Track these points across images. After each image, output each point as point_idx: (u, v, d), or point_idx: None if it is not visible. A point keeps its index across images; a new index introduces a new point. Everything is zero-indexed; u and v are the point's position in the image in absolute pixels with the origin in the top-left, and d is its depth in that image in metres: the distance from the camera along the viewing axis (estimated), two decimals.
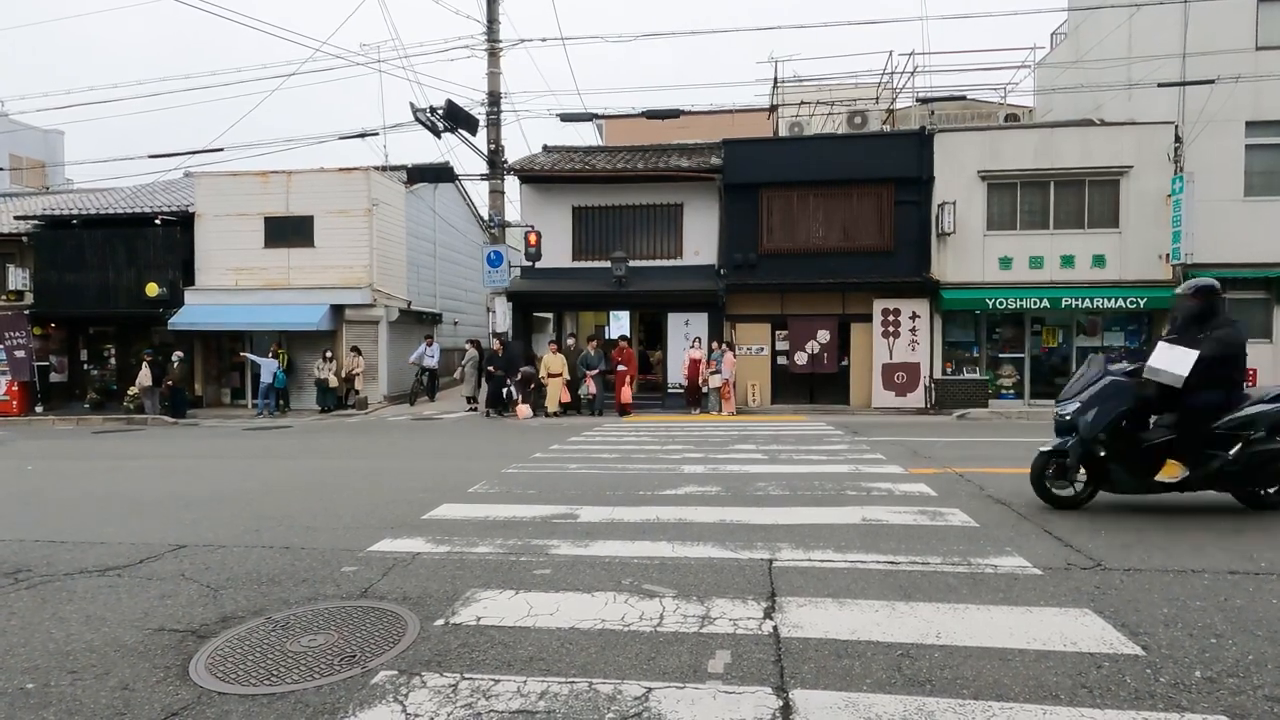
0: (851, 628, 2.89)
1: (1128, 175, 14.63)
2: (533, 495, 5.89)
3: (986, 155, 15.04)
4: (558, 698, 2.35)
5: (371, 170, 17.24)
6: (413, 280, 19.73)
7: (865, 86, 19.16)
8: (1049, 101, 19.07)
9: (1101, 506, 5.06)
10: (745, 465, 7.32)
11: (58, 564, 4.09)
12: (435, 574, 3.74)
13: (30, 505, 5.98)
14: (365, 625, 3.03)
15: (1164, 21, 14.54)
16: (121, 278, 17.30)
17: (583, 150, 18.19)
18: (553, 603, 3.25)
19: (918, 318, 15.24)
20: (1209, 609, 3.05)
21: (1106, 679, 2.42)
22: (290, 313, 16.71)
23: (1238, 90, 13.88)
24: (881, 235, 15.43)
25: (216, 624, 3.09)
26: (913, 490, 5.79)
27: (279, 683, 2.52)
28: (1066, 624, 2.89)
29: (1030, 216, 15.07)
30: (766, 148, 16.36)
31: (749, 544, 4.20)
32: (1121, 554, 3.88)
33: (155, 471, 7.96)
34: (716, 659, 2.62)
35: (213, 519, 5.19)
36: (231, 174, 17.51)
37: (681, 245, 16.36)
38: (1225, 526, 4.46)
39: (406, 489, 6.30)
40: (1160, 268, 14.55)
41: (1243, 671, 2.47)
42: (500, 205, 15.92)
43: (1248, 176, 14.50)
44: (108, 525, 5.07)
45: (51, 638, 2.98)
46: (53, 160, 30.13)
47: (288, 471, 7.66)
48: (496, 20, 15.43)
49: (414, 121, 14.08)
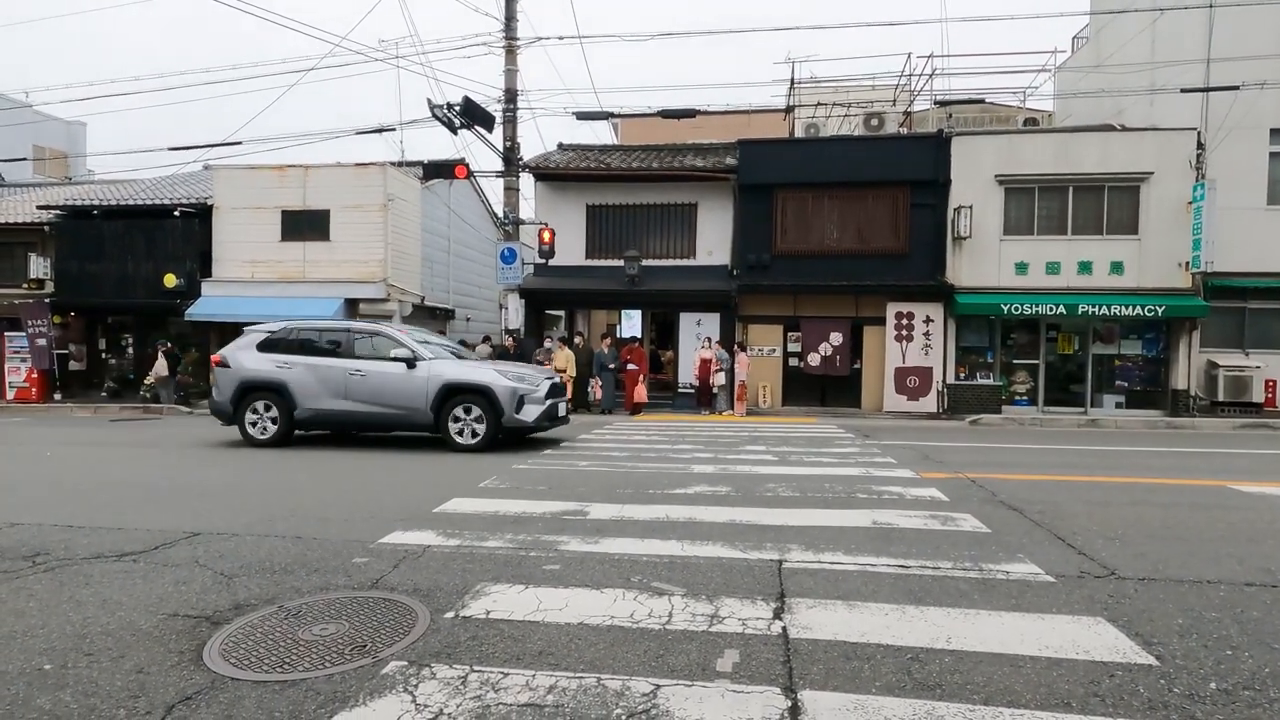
0: (861, 630, 2.88)
1: (1148, 181, 14.46)
2: (543, 491, 5.90)
3: (1004, 159, 14.93)
4: (566, 692, 2.36)
5: (388, 166, 17.35)
6: (426, 276, 19.82)
7: (883, 88, 19.06)
8: (1069, 106, 18.88)
9: (1114, 516, 5.01)
10: (756, 466, 7.31)
11: (75, 548, 4.15)
12: (445, 567, 3.76)
13: (49, 491, 6.07)
14: (376, 616, 3.05)
15: (1188, 26, 14.36)
16: (140, 268, 17.52)
17: (598, 149, 18.21)
18: (562, 598, 3.26)
19: (931, 322, 15.15)
20: (1225, 620, 3.02)
21: (1119, 688, 2.40)
22: (305, 306, 16.83)
23: (1262, 97, 13.69)
24: (896, 238, 15.35)
25: (230, 611, 3.13)
26: (924, 494, 5.76)
27: (291, 670, 2.55)
28: (1079, 632, 2.86)
29: (1048, 221, 14.94)
30: (782, 149, 16.32)
31: (759, 544, 4.20)
32: (1136, 563, 3.84)
33: (171, 460, 8.06)
34: (725, 658, 2.62)
35: (227, 508, 5.25)
36: (249, 167, 17.68)
37: (695, 245, 16.35)
38: (1242, 537, 4.41)
39: (418, 482, 6.34)
40: (1180, 276, 14.37)
41: (1259, 684, 2.44)
42: (515, 202, 15.97)
43: (1271, 184, 14.31)
44: (124, 512, 5.14)
45: (69, 620, 3.02)
46: (75, 151, 30.54)
47: (300, 462, 7.73)
48: (515, 18, 15.47)
49: (431, 118, 14.15)
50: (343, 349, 8.98)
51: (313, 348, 9.07)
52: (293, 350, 9.06)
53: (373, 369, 8.70)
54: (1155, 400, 14.90)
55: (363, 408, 8.67)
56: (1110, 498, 5.69)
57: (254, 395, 8.98)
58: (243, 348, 9.25)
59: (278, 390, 8.88)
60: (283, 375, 8.88)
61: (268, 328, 9.43)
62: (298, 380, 8.83)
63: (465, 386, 8.50)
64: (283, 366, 8.91)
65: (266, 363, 9.00)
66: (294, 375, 8.85)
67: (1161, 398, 14.84)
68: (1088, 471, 7.16)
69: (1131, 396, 15.05)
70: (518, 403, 8.39)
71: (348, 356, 8.89)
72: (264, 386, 8.95)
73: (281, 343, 9.15)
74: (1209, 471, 7.20)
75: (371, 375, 8.67)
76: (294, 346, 9.10)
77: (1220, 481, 6.51)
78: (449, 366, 8.74)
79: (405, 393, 8.54)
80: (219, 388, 9.22)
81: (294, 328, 9.34)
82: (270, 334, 9.26)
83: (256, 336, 9.30)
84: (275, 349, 9.10)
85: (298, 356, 8.98)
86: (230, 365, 9.15)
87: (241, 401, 9.01)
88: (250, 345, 9.23)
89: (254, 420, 8.97)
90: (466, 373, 8.69)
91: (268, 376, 8.93)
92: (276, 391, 8.88)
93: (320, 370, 8.82)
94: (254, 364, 9.04)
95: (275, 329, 9.36)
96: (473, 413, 8.41)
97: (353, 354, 8.90)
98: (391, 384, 8.59)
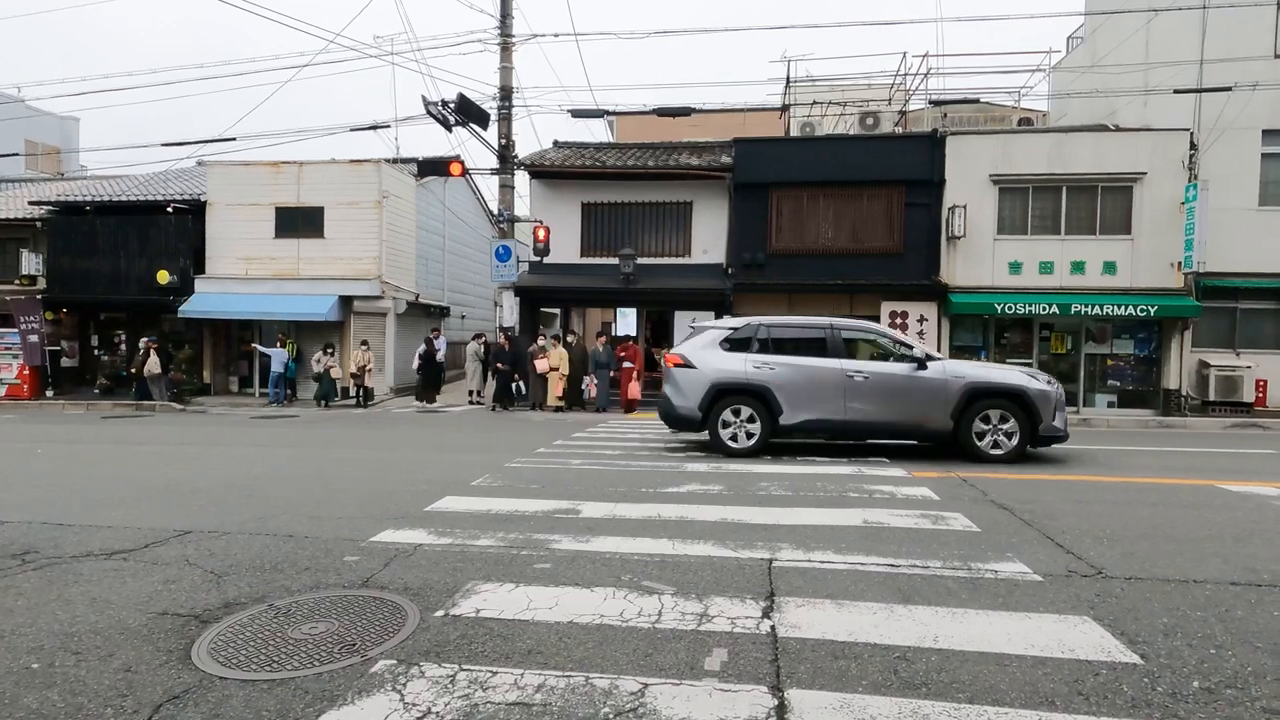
0: (849, 629, 2.89)
1: (1141, 182, 14.52)
2: (535, 490, 5.91)
3: (999, 159, 14.97)
4: (554, 691, 2.37)
5: (382, 162, 17.30)
6: (421, 273, 19.79)
7: (878, 88, 19.08)
8: (1063, 106, 18.93)
9: (1103, 515, 5.04)
10: (748, 465, 7.32)
11: (65, 546, 4.14)
12: (436, 565, 3.76)
13: (39, 488, 6.04)
14: (366, 614, 3.06)
15: (1182, 28, 14.41)
16: (133, 265, 17.44)
17: (593, 147, 18.19)
18: (552, 597, 3.27)
19: (925, 321, 15.19)
20: (1209, 619, 3.04)
21: (1104, 686, 2.42)
22: (299, 303, 16.80)
23: (1255, 98, 13.76)
24: (891, 237, 15.38)
25: (219, 609, 3.13)
26: (915, 494, 5.78)
27: (279, 669, 2.55)
28: (1065, 631, 2.88)
29: (1041, 221, 14.99)
30: (777, 147, 16.33)
31: (749, 543, 4.21)
32: (1123, 562, 3.87)
33: (162, 457, 8.04)
34: (713, 657, 2.63)
35: (218, 506, 5.24)
36: (243, 164, 17.61)
37: (690, 243, 16.36)
38: (1228, 536, 4.44)
39: (410, 481, 6.33)
40: (1172, 276, 14.44)
41: (1241, 683, 2.46)
42: (510, 200, 15.95)
43: (1263, 185, 14.38)
44: (114, 509, 5.12)
45: (57, 619, 3.01)
46: (68, 146, 30.36)
47: (293, 461, 7.71)
48: (510, 15, 15.44)
49: (425, 114, 14.13)
50: (829, 348, 8.03)
51: (792, 347, 8.20)
52: (767, 349, 8.14)
53: (875, 370, 7.82)
54: (1147, 400, 14.98)
55: (865, 414, 7.79)
56: (1100, 497, 5.73)
57: (729, 399, 8.04)
58: (705, 347, 8.32)
59: (758, 394, 7.96)
60: (764, 377, 7.94)
61: (726, 324, 8.55)
62: (783, 383, 7.90)
63: (993, 390, 7.58)
64: (761, 367, 7.98)
65: (741, 363, 8.06)
66: (778, 377, 7.92)
67: (1153, 397, 14.92)
68: (1078, 471, 7.20)
69: (1124, 396, 15.13)
70: (1054, 408, 7.55)
71: (837, 356, 7.96)
72: (742, 390, 8.01)
73: (751, 341, 8.22)
74: (1199, 471, 7.24)
75: (875, 377, 7.77)
76: (767, 345, 8.16)
77: (1209, 481, 6.55)
78: (968, 367, 8.02)
79: (918, 397, 7.68)
80: (681, 390, 8.21)
81: (760, 324, 8.36)
82: (733, 331, 8.34)
83: (716, 334, 8.39)
84: (744, 348, 8.18)
85: (777, 357, 8.06)
86: (696, 365, 8.17)
87: (714, 406, 8.07)
88: (713, 344, 8.29)
89: (728, 427, 8.04)
90: (992, 374, 7.87)
91: (747, 379, 7.98)
92: (757, 396, 7.96)
93: (809, 372, 7.91)
94: (727, 364, 8.10)
95: (736, 325, 8.43)
96: (1007, 421, 7.54)
97: (842, 354, 7.98)
98: (900, 387, 7.72)
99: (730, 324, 8.54)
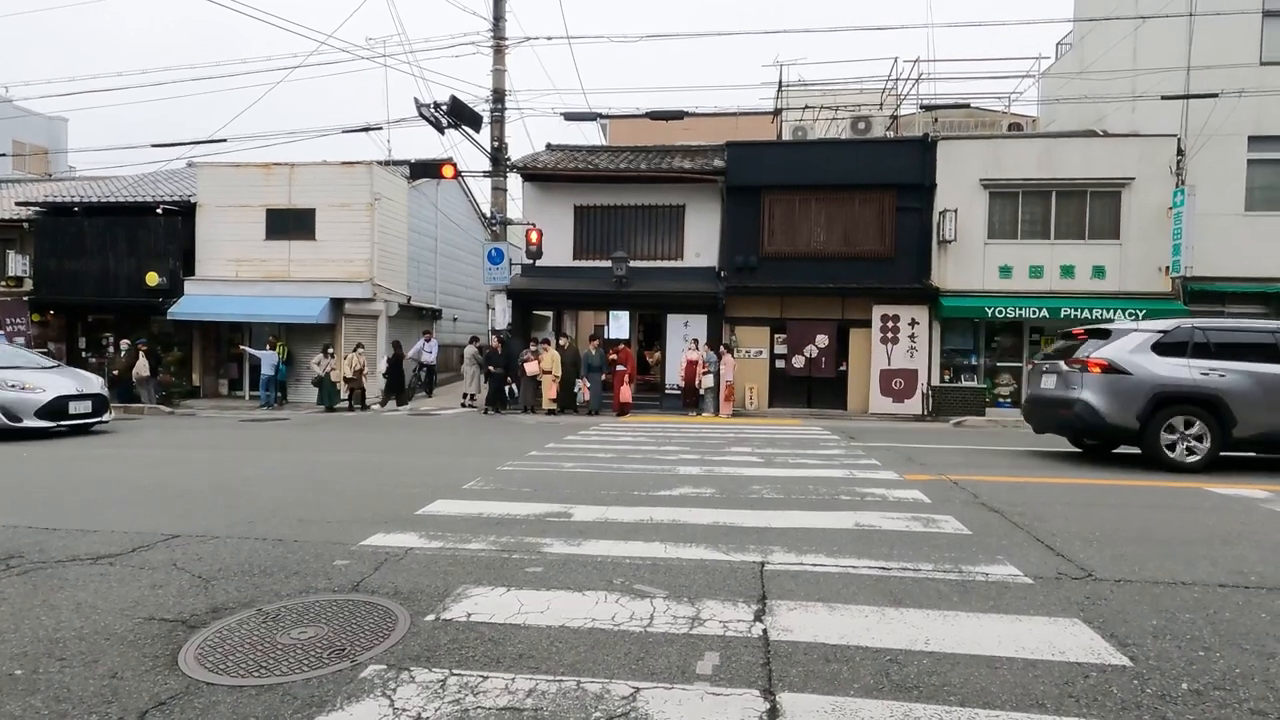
0: (841, 632, 2.89)
1: (1129, 187, 14.67)
2: (527, 493, 5.89)
3: (989, 164, 15.08)
4: (545, 695, 2.35)
5: (374, 164, 17.25)
6: (413, 275, 19.73)
7: (870, 92, 19.20)
8: (1053, 111, 19.10)
9: (1093, 518, 5.07)
10: (740, 468, 7.33)
11: (50, 551, 4.09)
12: (427, 569, 3.74)
13: (24, 492, 5.97)
14: (355, 619, 3.03)
15: (1169, 35, 14.57)
16: (122, 266, 17.31)
17: (586, 149, 18.20)
18: (543, 601, 3.26)
19: (917, 324, 15.27)
20: (1198, 621, 3.06)
21: (1093, 689, 2.43)
22: (290, 305, 16.72)
23: (1241, 105, 13.92)
24: (882, 241, 15.46)
25: (207, 614, 3.09)
26: (906, 496, 5.80)
27: (267, 675, 2.52)
28: (1055, 633, 2.89)
29: (1031, 226, 15.11)
30: (770, 151, 16.39)
31: (742, 546, 4.21)
32: (1113, 565, 3.88)
33: (150, 460, 7.96)
34: (705, 660, 2.63)
35: (206, 509, 5.19)
36: (234, 165, 17.53)
37: (683, 246, 16.39)
38: (1216, 539, 4.47)
39: (401, 484, 6.29)
40: (1160, 280, 14.59)
41: (1229, 684, 2.48)
42: (502, 203, 15.93)
43: (1249, 191, 14.55)
44: (101, 513, 5.07)
45: (41, 625, 2.97)
46: (56, 147, 30.11)
47: (282, 464, 7.65)
48: (503, 17, 15.44)
49: (418, 117, 14.10)
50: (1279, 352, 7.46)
51: (1236, 351, 7.53)
52: (1205, 354, 7.50)
53: None
54: None
55: None
56: (1090, 499, 5.76)
57: (1173, 409, 7.41)
58: (1135, 351, 7.64)
59: (1207, 404, 7.36)
60: (1214, 385, 7.34)
61: (1155, 327, 7.87)
62: (1237, 392, 7.30)
63: None
64: (1210, 374, 7.38)
65: (1183, 369, 7.45)
66: (1230, 385, 7.31)
67: None
68: (1069, 474, 7.24)
69: None
70: None
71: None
72: (1189, 399, 7.39)
73: (1187, 345, 7.58)
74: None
75: None
76: (1205, 350, 7.52)
77: (1198, 484, 6.61)
78: None
79: None
80: (1109, 398, 7.56)
81: (1196, 326, 7.73)
82: (1163, 334, 7.68)
83: (1145, 337, 7.73)
84: (1179, 353, 7.55)
85: (1224, 362, 7.43)
86: (1132, 372, 7.51)
87: (1154, 416, 7.44)
88: (1144, 348, 7.63)
89: (1172, 439, 7.43)
90: None
91: (1195, 387, 7.37)
92: (1205, 405, 7.37)
93: (1267, 380, 7.33)
94: (1169, 371, 7.47)
95: (1166, 328, 7.77)
96: None
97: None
98: None
99: (1157, 327, 7.90)
